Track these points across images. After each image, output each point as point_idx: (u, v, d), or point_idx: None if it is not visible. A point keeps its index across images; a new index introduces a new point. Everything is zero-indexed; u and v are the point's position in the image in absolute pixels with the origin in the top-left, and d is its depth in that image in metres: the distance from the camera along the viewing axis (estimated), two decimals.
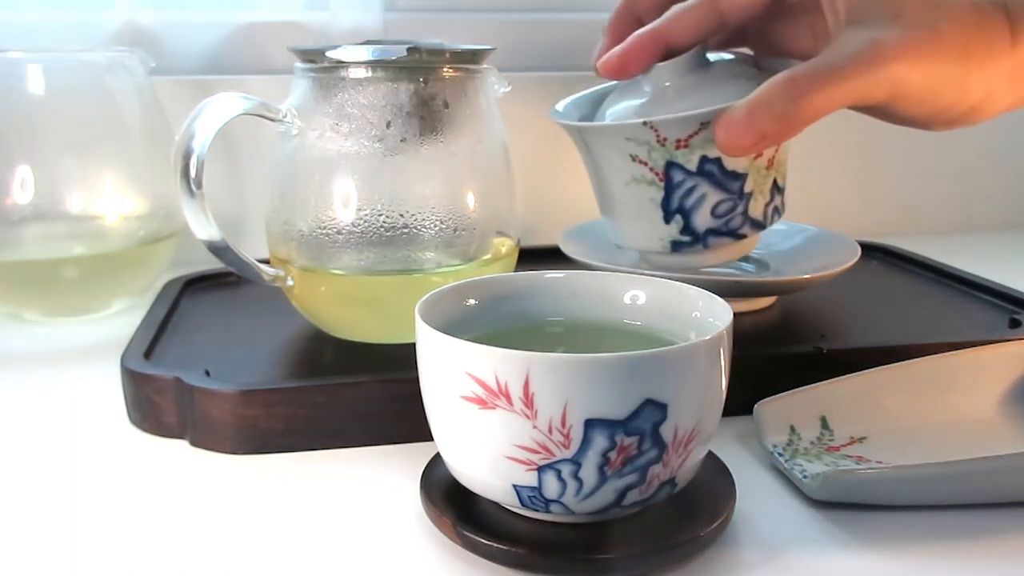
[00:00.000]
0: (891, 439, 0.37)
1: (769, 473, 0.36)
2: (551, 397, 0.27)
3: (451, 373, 0.28)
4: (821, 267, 0.50)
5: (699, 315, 0.33)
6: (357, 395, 0.38)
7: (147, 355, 0.43)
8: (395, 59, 0.42)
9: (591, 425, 0.27)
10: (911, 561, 0.30)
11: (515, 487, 0.29)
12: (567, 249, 0.53)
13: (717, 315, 0.32)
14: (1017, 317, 0.49)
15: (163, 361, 0.43)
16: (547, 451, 0.27)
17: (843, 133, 0.74)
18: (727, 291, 0.40)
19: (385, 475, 0.36)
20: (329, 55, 0.42)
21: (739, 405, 0.37)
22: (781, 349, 0.43)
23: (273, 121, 0.43)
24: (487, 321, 0.34)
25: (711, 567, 0.30)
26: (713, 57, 0.47)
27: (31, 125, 0.54)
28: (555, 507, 0.29)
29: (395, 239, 0.43)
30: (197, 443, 0.39)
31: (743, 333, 0.36)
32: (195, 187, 0.40)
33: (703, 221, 0.46)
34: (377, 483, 0.35)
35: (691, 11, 0.44)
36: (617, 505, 0.29)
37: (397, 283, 0.44)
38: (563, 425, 0.27)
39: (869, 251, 0.63)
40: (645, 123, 0.43)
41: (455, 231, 0.44)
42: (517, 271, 0.42)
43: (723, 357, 0.29)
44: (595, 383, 0.27)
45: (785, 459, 0.36)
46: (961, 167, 0.81)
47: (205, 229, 0.41)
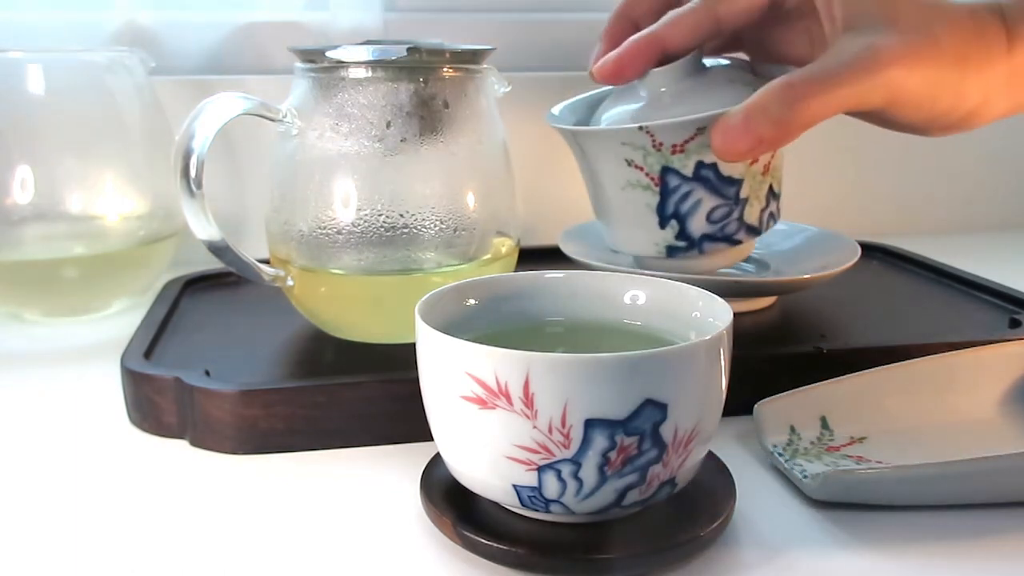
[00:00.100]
0: (891, 439, 0.37)
1: (769, 473, 0.36)
2: (551, 397, 0.27)
3: (451, 373, 0.28)
4: (821, 267, 0.49)
5: (699, 315, 0.33)
6: (357, 395, 0.38)
7: (147, 355, 0.43)
8: (395, 59, 0.42)
9: (591, 425, 0.27)
10: (911, 561, 0.30)
11: (515, 487, 0.29)
12: (567, 249, 0.53)
13: (717, 315, 0.32)
14: (1017, 317, 0.49)
15: (163, 361, 0.43)
16: (547, 451, 0.27)
17: (843, 133, 0.74)
18: (727, 291, 0.40)
19: (385, 475, 0.36)
20: (329, 55, 0.42)
21: (739, 405, 0.37)
22: (781, 349, 0.43)
23: (273, 121, 0.43)
24: (487, 321, 0.34)
25: (711, 567, 0.30)
26: (709, 63, 0.47)
27: (31, 125, 0.54)
28: (555, 507, 0.29)
29: (395, 239, 0.43)
30: (197, 443, 0.39)
31: (743, 333, 0.36)
32: (195, 187, 0.40)
33: (699, 226, 0.46)
34: (377, 483, 0.35)
35: (688, 16, 0.43)
36: (617, 505, 0.29)
37: (397, 283, 0.44)
38: (563, 425, 0.27)
39: (869, 251, 0.63)
40: (641, 128, 0.43)
41: (455, 231, 0.44)
42: (517, 271, 0.42)
43: (723, 357, 0.29)
44: (595, 383, 0.27)
45: (785, 459, 0.36)
46: (961, 167, 0.81)
47: (205, 229, 0.41)
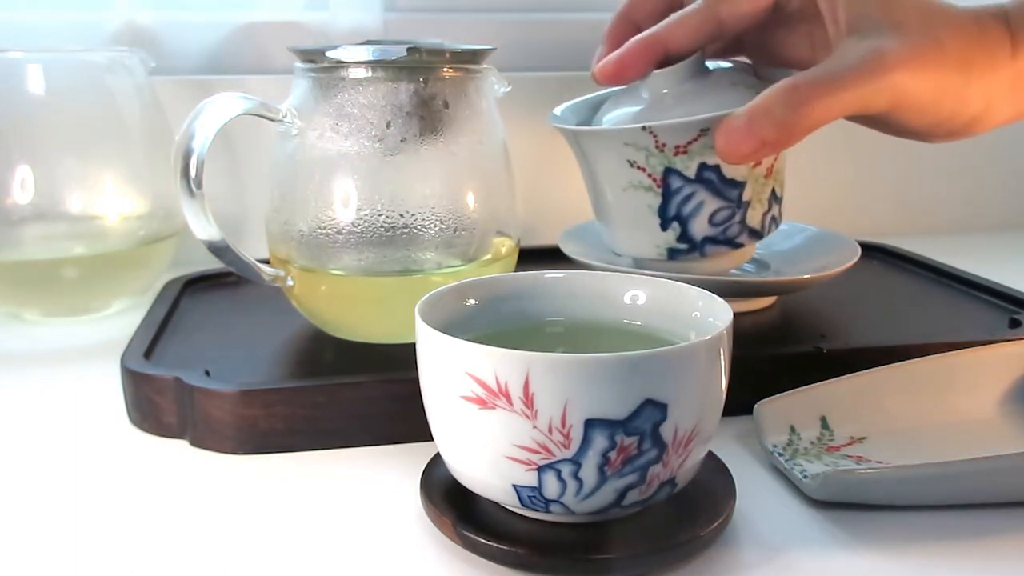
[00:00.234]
0: (891, 439, 0.37)
1: (769, 473, 0.36)
2: (551, 397, 0.27)
3: (451, 373, 0.28)
4: (821, 267, 0.49)
5: (699, 315, 0.33)
6: (357, 395, 0.38)
7: (147, 355, 0.43)
8: (395, 59, 0.42)
9: (591, 425, 0.27)
10: (911, 561, 0.30)
11: (515, 487, 0.29)
12: (567, 249, 0.53)
13: (717, 315, 0.32)
14: (1017, 317, 0.49)
15: (163, 361, 0.43)
16: (547, 451, 0.27)
17: (843, 133, 0.74)
18: (727, 291, 0.40)
19: (385, 475, 0.36)
20: (329, 55, 0.42)
21: (739, 405, 0.37)
22: (781, 349, 0.43)
23: (273, 121, 0.43)
24: (487, 321, 0.34)
25: (711, 567, 0.30)
26: (711, 65, 0.47)
27: (31, 125, 0.54)
28: (555, 507, 0.29)
29: (395, 239, 0.43)
30: (197, 443, 0.39)
31: (743, 333, 0.36)
32: (195, 187, 0.40)
33: (700, 229, 0.46)
34: (377, 483, 0.35)
35: (690, 18, 0.43)
36: (617, 505, 0.29)
37: (397, 283, 0.44)
38: (563, 425, 0.27)
39: (869, 251, 0.63)
40: (644, 128, 0.43)
41: (455, 231, 0.44)
42: (517, 271, 0.42)
43: (723, 357, 0.29)
44: (595, 383, 0.27)
45: (785, 459, 0.36)
46: (961, 167, 0.81)
47: (205, 229, 0.41)
